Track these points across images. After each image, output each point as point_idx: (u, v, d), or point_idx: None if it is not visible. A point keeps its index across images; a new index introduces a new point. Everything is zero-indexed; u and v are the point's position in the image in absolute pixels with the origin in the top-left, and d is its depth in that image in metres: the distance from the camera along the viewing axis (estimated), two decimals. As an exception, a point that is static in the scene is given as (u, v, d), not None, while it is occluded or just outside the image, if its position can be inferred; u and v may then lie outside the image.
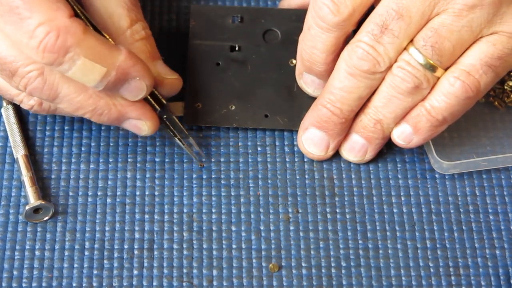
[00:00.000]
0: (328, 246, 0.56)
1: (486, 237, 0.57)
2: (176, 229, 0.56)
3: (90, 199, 0.57)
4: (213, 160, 0.59)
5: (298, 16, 0.62)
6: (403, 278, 0.55)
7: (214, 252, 0.56)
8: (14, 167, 0.58)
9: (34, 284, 0.54)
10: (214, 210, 0.57)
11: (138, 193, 0.58)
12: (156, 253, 0.56)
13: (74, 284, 0.54)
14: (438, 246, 0.56)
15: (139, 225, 0.57)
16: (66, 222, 0.57)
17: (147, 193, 0.58)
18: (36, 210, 0.56)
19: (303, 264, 0.55)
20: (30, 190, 0.56)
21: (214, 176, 0.59)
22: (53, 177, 0.58)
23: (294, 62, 0.61)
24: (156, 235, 0.56)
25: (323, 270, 0.55)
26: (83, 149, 0.59)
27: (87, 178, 0.58)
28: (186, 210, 0.57)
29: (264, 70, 0.61)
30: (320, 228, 0.57)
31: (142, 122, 0.55)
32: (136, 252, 0.56)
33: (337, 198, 0.58)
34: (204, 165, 0.59)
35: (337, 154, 0.59)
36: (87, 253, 0.55)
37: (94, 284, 0.54)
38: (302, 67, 0.58)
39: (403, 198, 0.58)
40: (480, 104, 0.62)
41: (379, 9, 0.53)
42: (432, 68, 0.53)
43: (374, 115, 0.56)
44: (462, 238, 0.57)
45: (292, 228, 0.57)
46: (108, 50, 0.51)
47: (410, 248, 0.56)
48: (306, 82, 0.59)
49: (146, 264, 0.55)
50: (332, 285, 0.55)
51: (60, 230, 0.56)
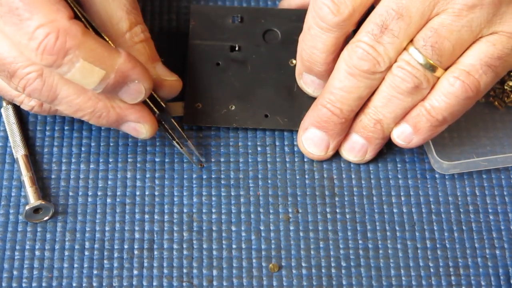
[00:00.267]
0: (328, 246, 0.56)
1: (486, 237, 0.57)
2: (176, 229, 0.57)
3: (90, 199, 0.57)
4: (213, 160, 0.59)
5: (298, 16, 0.62)
6: (403, 278, 0.55)
7: (214, 252, 0.56)
8: (14, 167, 0.58)
9: (34, 284, 0.54)
10: (214, 210, 0.57)
11: (138, 193, 0.58)
12: (156, 253, 0.56)
13: (74, 284, 0.54)
14: (438, 246, 0.56)
15: (139, 225, 0.57)
16: (66, 222, 0.57)
17: (147, 193, 0.58)
18: (36, 210, 0.56)
19: (303, 264, 0.55)
20: (30, 190, 0.56)
21: (214, 176, 0.59)
22: (53, 177, 0.58)
23: (294, 62, 0.61)
24: (156, 235, 0.56)
25: (323, 270, 0.55)
26: (83, 149, 0.59)
27: (87, 178, 0.58)
28: (186, 210, 0.57)
29: (264, 70, 0.61)
30: (320, 228, 0.57)
31: (141, 125, 0.55)
32: (136, 252, 0.56)
33: (337, 198, 0.58)
34: (204, 165, 0.59)
35: (337, 154, 0.59)
36: (87, 253, 0.55)
37: (94, 284, 0.54)
38: (302, 67, 0.58)
39: (403, 198, 0.58)
40: (480, 104, 0.62)
41: (379, 9, 0.53)
42: (432, 68, 0.53)
43: (374, 115, 0.56)
44: (462, 238, 0.57)
45: (292, 228, 0.57)
46: (107, 52, 0.51)
47: (410, 248, 0.56)
48: (306, 82, 0.59)
49: (146, 264, 0.55)
50: (332, 285, 0.55)
51: (60, 230, 0.56)
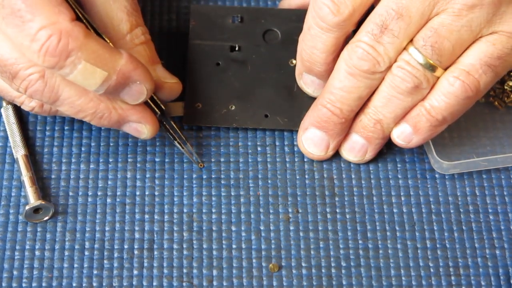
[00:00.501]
0: (328, 246, 0.56)
1: (486, 237, 0.57)
2: (176, 229, 0.57)
3: (90, 199, 0.57)
4: (213, 160, 0.59)
5: (298, 16, 0.62)
6: (403, 278, 0.55)
7: (214, 252, 0.56)
8: (14, 167, 0.58)
9: (34, 284, 0.54)
10: (214, 210, 0.57)
11: (138, 193, 0.58)
12: (156, 253, 0.56)
13: (74, 284, 0.54)
14: (438, 246, 0.56)
15: (139, 225, 0.57)
16: (66, 222, 0.57)
17: (147, 193, 0.58)
18: (36, 210, 0.56)
19: (303, 264, 0.55)
20: (30, 190, 0.56)
21: (214, 176, 0.59)
22: (53, 177, 0.58)
23: (294, 62, 0.61)
24: (156, 235, 0.56)
25: (323, 270, 0.55)
26: (83, 149, 0.59)
27: (87, 178, 0.58)
28: (186, 210, 0.57)
29: (264, 70, 0.61)
30: (320, 228, 0.57)
31: (142, 126, 0.55)
32: (136, 252, 0.56)
33: (337, 198, 0.58)
34: (204, 165, 0.59)
35: (337, 154, 0.59)
36: (87, 253, 0.55)
37: (94, 284, 0.54)
38: (302, 68, 0.58)
39: (403, 198, 0.58)
40: (480, 104, 0.62)
41: (379, 9, 0.53)
42: (431, 68, 0.53)
43: (374, 115, 0.56)
44: (462, 238, 0.57)
45: (292, 228, 0.57)
46: (109, 54, 0.51)
47: (410, 248, 0.56)
48: (306, 83, 0.59)
49: (146, 264, 0.55)
50: (332, 285, 0.55)
51: (60, 230, 0.56)
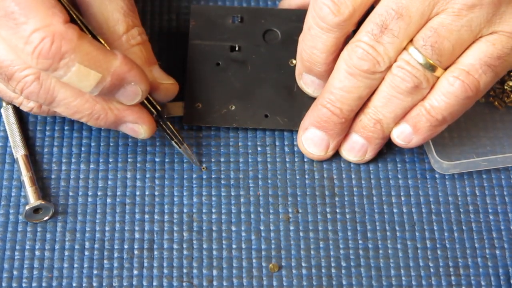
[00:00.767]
0: (328, 246, 0.56)
1: (486, 237, 0.57)
2: (176, 229, 0.56)
3: (90, 199, 0.57)
4: (213, 160, 0.59)
5: (298, 16, 0.62)
6: (403, 278, 0.55)
7: (214, 252, 0.56)
8: (14, 167, 0.58)
9: (34, 284, 0.54)
10: (214, 210, 0.57)
11: (138, 193, 0.58)
12: (156, 253, 0.56)
13: (74, 284, 0.54)
14: (438, 246, 0.56)
15: (139, 225, 0.57)
16: (66, 222, 0.57)
17: (147, 193, 0.58)
18: (36, 210, 0.56)
19: (303, 264, 0.55)
20: (30, 190, 0.56)
21: (214, 176, 0.59)
22: (53, 177, 0.58)
23: (294, 62, 0.61)
24: (156, 235, 0.56)
25: (323, 270, 0.55)
26: (83, 149, 0.59)
27: (87, 178, 0.58)
28: (186, 210, 0.57)
29: (264, 70, 0.61)
30: (320, 228, 0.57)
31: (139, 126, 0.55)
32: (136, 252, 0.56)
33: (337, 198, 0.58)
34: (206, 168, 0.59)
35: (337, 154, 0.59)
36: (87, 253, 0.55)
37: (94, 284, 0.54)
38: (302, 68, 0.58)
39: (403, 198, 0.58)
40: (480, 104, 0.62)
41: (379, 9, 0.53)
42: (431, 67, 0.53)
43: (374, 115, 0.56)
44: (462, 238, 0.57)
45: (292, 228, 0.57)
46: (103, 55, 0.51)
47: (410, 248, 0.56)
48: (306, 83, 0.59)
49: (146, 264, 0.55)
50: (332, 285, 0.55)
51: (60, 230, 0.56)
